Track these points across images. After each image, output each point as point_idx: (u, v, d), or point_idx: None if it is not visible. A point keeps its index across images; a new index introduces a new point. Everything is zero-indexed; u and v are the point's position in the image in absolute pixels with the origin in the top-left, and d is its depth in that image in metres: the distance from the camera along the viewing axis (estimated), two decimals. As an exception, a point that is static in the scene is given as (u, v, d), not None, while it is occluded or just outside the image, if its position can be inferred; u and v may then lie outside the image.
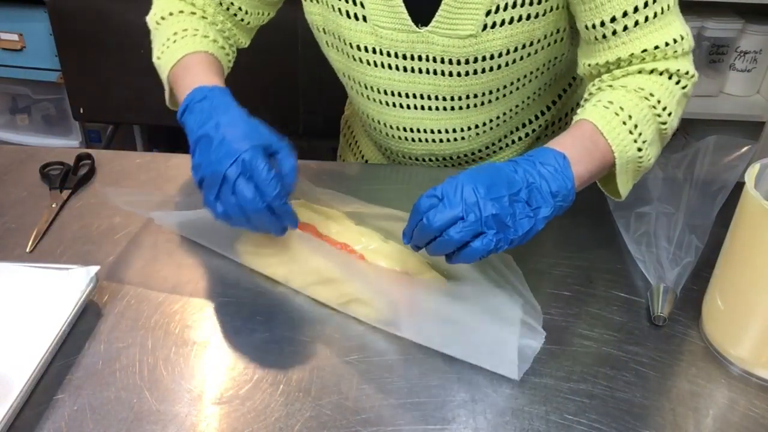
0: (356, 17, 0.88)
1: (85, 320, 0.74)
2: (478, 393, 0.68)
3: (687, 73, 0.81)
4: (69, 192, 0.95)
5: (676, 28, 0.81)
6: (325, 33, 0.94)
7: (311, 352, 0.72)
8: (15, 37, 1.87)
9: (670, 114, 0.80)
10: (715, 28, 1.98)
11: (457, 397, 0.67)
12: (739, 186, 0.72)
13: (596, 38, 0.83)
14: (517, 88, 0.94)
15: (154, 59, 0.89)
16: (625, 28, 0.80)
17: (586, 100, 0.85)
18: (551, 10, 0.85)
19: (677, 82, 0.81)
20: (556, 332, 0.74)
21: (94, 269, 0.76)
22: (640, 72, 0.82)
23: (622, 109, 0.77)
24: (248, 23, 0.97)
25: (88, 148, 1.18)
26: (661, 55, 0.81)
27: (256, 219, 0.71)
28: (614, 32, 0.81)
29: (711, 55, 2.04)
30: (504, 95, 0.94)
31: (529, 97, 0.97)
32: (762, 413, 0.67)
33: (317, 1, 0.91)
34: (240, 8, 0.94)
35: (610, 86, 0.82)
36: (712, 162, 0.92)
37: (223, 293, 0.79)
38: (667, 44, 0.80)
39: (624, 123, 0.77)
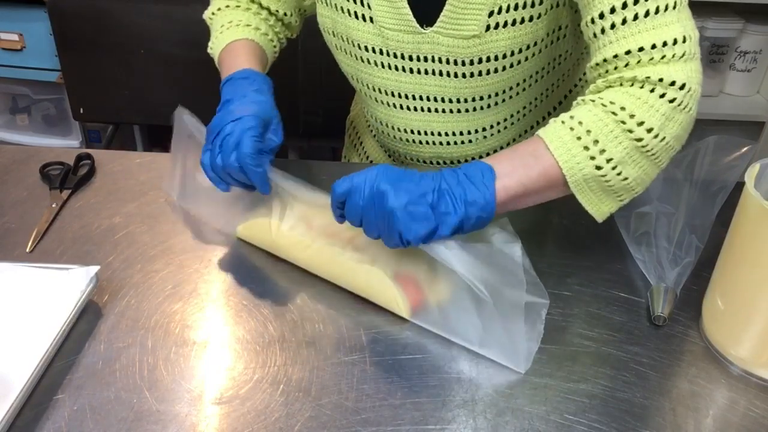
0: (363, 18, 0.89)
1: (85, 320, 0.74)
2: (478, 393, 0.68)
3: (673, 83, 0.71)
4: (69, 192, 0.95)
5: (672, 30, 0.73)
6: (334, 36, 0.95)
7: (311, 352, 0.72)
8: (15, 37, 1.87)
9: (649, 130, 0.71)
10: (715, 28, 1.98)
11: (457, 397, 0.67)
12: (739, 186, 0.72)
13: (592, 36, 0.78)
14: (524, 89, 0.94)
15: (208, 50, 1.00)
16: (613, 25, 0.74)
17: None
18: (551, 8, 0.85)
19: (661, 95, 0.72)
20: (556, 332, 0.74)
21: (94, 269, 0.76)
22: (621, 84, 0.75)
23: (580, 123, 0.73)
24: (288, 21, 1.05)
25: (88, 148, 1.18)
26: (646, 59, 0.73)
27: (232, 172, 0.81)
28: (602, 30, 0.76)
29: (711, 55, 2.04)
30: (510, 97, 0.94)
31: (536, 98, 0.97)
32: (762, 413, 0.67)
33: (326, 4, 0.92)
34: (278, 10, 1.02)
35: (583, 100, 0.77)
36: (712, 162, 0.92)
37: (224, 293, 0.79)
38: (654, 46, 0.72)
39: (579, 138, 0.72)
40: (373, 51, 0.92)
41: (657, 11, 0.73)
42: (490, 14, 0.84)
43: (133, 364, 0.69)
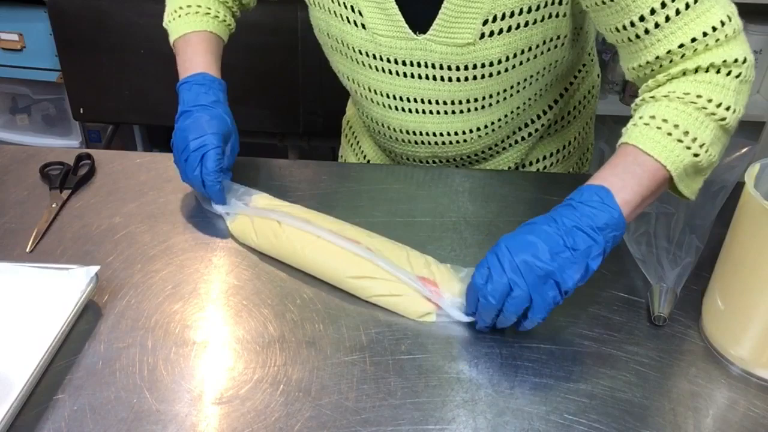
0: (356, 24, 0.89)
1: (85, 320, 0.74)
2: (478, 393, 0.68)
3: (736, 60, 0.76)
4: (69, 192, 0.95)
5: (715, 14, 0.75)
6: (329, 37, 0.95)
7: (311, 352, 0.72)
8: (15, 37, 1.87)
9: (728, 108, 0.75)
10: (715, 28, 1.98)
11: (457, 397, 0.67)
12: (739, 186, 0.72)
13: (630, 39, 0.79)
14: (518, 92, 0.94)
15: (164, 23, 1.00)
16: (657, 24, 0.76)
17: (633, 113, 0.82)
18: (550, 17, 0.84)
19: (728, 73, 0.76)
20: (556, 332, 0.74)
21: (94, 269, 0.76)
22: (684, 74, 0.78)
23: (665, 121, 0.75)
24: None
25: (88, 148, 1.18)
26: (702, 48, 0.76)
27: (193, 186, 0.88)
28: (646, 31, 0.77)
29: (711, 55, 2.04)
30: (505, 98, 0.94)
31: (530, 98, 0.97)
32: (762, 413, 0.67)
33: (320, 7, 0.92)
34: None
35: (653, 98, 0.79)
36: (712, 162, 0.92)
37: (224, 293, 0.79)
38: (705, 34, 0.75)
39: (669, 134, 0.74)
40: (366, 55, 0.92)
41: (695, 1, 0.75)
42: (485, 22, 0.83)
43: (133, 364, 0.69)
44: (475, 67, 0.87)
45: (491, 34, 0.84)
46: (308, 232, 0.82)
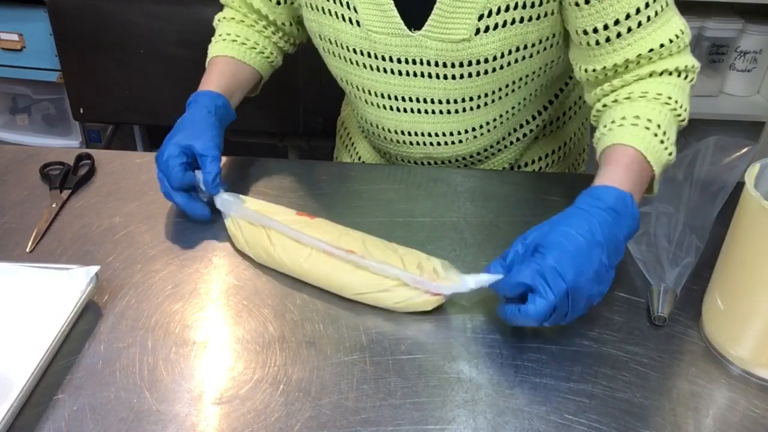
0: (350, 21, 0.89)
1: (85, 320, 0.74)
2: (478, 393, 0.68)
3: (693, 66, 0.84)
4: (69, 192, 0.95)
5: (676, 24, 0.83)
6: (321, 39, 0.95)
7: (311, 352, 0.72)
8: (15, 37, 1.86)
9: (685, 109, 0.83)
10: (715, 28, 1.98)
11: (457, 397, 0.67)
12: (739, 186, 0.72)
13: (597, 42, 0.82)
14: (513, 91, 0.94)
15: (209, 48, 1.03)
16: (629, 29, 0.80)
17: (602, 113, 0.85)
18: (545, 15, 0.85)
19: (686, 77, 0.84)
20: (556, 332, 0.74)
21: (94, 269, 0.76)
22: (651, 75, 0.83)
23: (650, 121, 0.79)
24: (289, 30, 1.06)
25: (88, 148, 1.18)
26: (666, 53, 0.82)
27: (169, 197, 0.87)
28: (618, 35, 0.81)
29: (711, 55, 2.04)
30: (500, 98, 0.94)
31: (525, 99, 0.97)
32: (762, 413, 0.67)
33: (313, 8, 0.92)
34: (275, 20, 1.03)
35: (628, 98, 0.82)
36: (712, 162, 0.92)
37: (224, 293, 0.79)
38: (671, 41, 0.82)
39: (656, 135, 0.79)
40: (361, 53, 0.91)
41: (662, 9, 0.80)
42: (480, 17, 0.83)
43: (133, 364, 0.69)
44: (470, 63, 0.87)
45: (486, 29, 0.84)
46: (301, 248, 0.79)
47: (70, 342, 0.72)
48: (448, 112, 0.94)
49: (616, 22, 0.80)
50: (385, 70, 0.92)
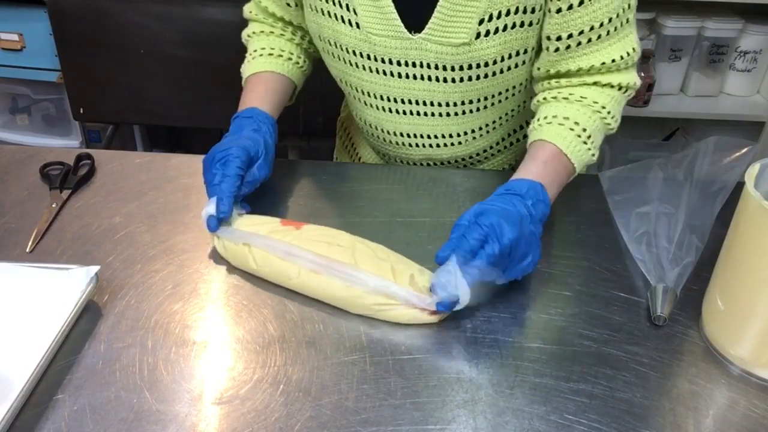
0: (350, 24, 0.89)
1: (85, 320, 0.74)
2: (478, 393, 0.68)
3: (634, 84, 0.90)
4: (69, 192, 0.95)
5: (629, 41, 0.87)
6: (320, 40, 0.95)
7: (311, 352, 0.72)
8: (15, 37, 1.87)
9: (616, 119, 0.90)
10: (715, 28, 1.98)
11: (457, 397, 0.67)
12: (739, 186, 0.72)
13: (557, 49, 0.86)
14: (513, 94, 0.94)
15: (241, 71, 1.03)
16: (590, 40, 0.85)
17: (539, 106, 0.91)
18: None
19: (625, 92, 0.91)
20: (556, 332, 0.74)
21: (94, 269, 0.76)
22: (595, 84, 0.88)
23: (577, 123, 0.86)
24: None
25: (88, 148, 1.18)
26: (615, 68, 0.88)
27: (208, 188, 0.85)
28: (579, 44, 0.85)
29: (711, 55, 2.04)
30: (499, 101, 0.94)
31: (525, 101, 0.97)
32: (762, 413, 0.67)
33: (313, 9, 0.92)
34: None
35: (566, 98, 0.88)
36: (712, 162, 0.92)
37: (224, 293, 0.79)
38: (621, 57, 0.86)
39: (579, 136, 0.85)
40: (360, 56, 0.91)
41: (621, 26, 0.85)
42: (480, 22, 0.83)
43: (133, 364, 0.69)
44: (470, 67, 0.87)
45: (487, 33, 0.84)
46: (289, 267, 0.78)
47: (70, 342, 0.72)
48: (448, 114, 0.94)
49: (581, 33, 0.84)
50: (384, 73, 0.92)
